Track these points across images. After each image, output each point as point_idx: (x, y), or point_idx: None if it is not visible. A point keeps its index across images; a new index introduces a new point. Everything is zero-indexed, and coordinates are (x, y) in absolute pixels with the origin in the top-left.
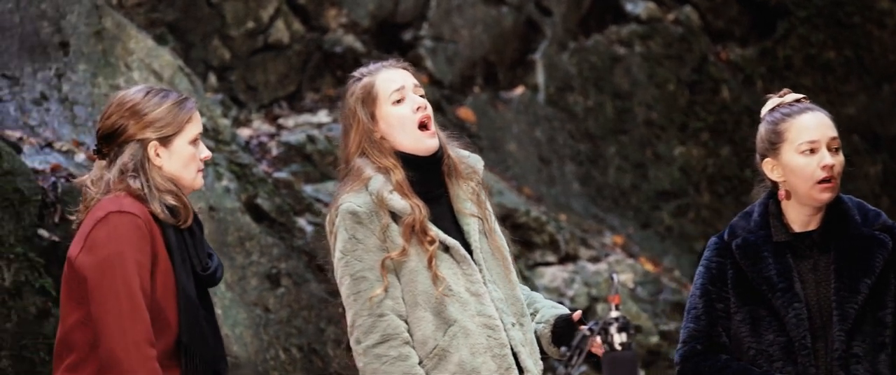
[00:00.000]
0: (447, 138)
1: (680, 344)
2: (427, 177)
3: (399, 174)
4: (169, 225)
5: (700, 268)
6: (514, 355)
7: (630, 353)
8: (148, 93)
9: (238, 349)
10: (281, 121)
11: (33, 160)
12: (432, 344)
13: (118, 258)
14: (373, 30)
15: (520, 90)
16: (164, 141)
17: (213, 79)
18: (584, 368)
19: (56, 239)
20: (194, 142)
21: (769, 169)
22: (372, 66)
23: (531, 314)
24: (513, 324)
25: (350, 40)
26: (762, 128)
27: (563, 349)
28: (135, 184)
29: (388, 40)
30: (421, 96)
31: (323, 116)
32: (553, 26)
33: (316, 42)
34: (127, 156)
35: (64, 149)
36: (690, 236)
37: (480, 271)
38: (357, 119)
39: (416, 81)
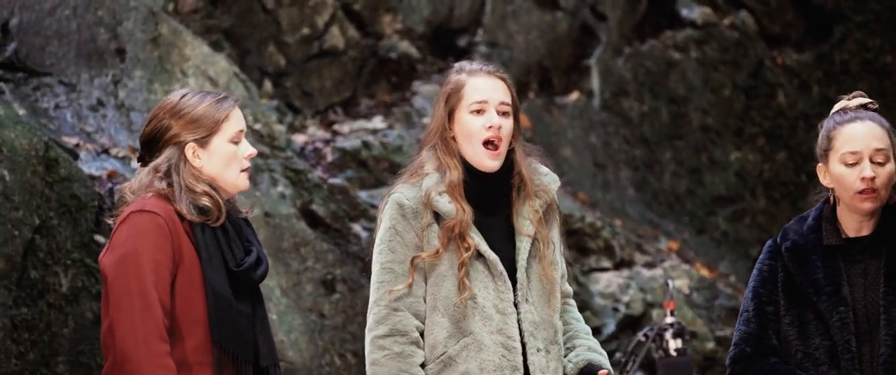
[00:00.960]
0: (527, 153)
1: (731, 346)
2: (487, 188)
3: (455, 176)
4: (198, 223)
5: (754, 271)
6: None
7: (685, 358)
8: (186, 94)
9: (293, 354)
10: (336, 126)
11: (90, 166)
12: (441, 350)
13: (133, 256)
14: (428, 35)
15: (575, 95)
16: (202, 141)
17: (268, 85)
18: (639, 374)
19: None
20: (235, 140)
21: (822, 174)
22: (474, 66)
23: (568, 347)
24: (538, 349)
25: (405, 46)
26: (820, 134)
27: (618, 354)
28: (161, 184)
29: (443, 46)
30: (503, 113)
31: (378, 122)
32: (608, 31)
33: (371, 48)
34: (162, 159)
35: (120, 155)
36: (746, 241)
37: (516, 290)
38: (438, 112)
39: (506, 98)
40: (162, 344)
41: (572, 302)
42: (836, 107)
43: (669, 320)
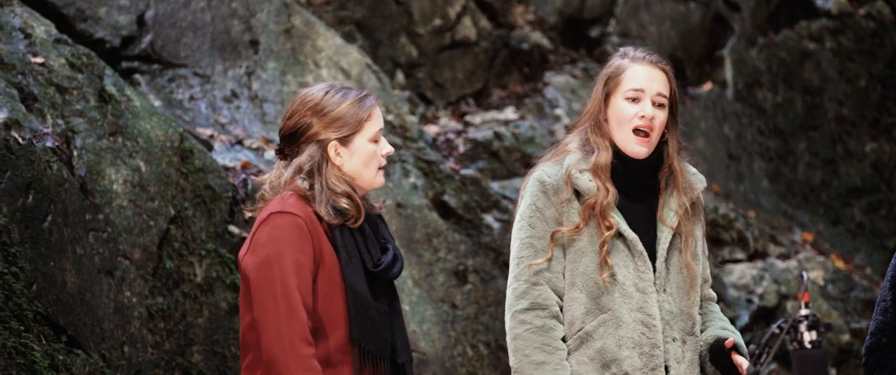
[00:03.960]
0: (679, 150)
1: (867, 336)
2: (634, 173)
3: (604, 157)
4: (336, 225)
5: (893, 260)
6: (666, 369)
7: (820, 351)
8: (328, 91)
9: (425, 345)
10: (468, 118)
11: (224, 157)
12: (578, 326)
13: (276, 258)
14: (560, 26)
15: (708, 86)
16: (344, 140)
17: (400, 76)
18: (773, 366)
19: (246, 235)
20: (375, 139)
21: None
22: (638, 53)
23: (701, 330)
24: (674, 339)
25: (537, 37)
26: None
27: (751, 346)
28: (303, 184)
29: (575, 37)
30: (658, 105)
31: (510, 113)
32: (741, 22)
33: (503, 39)
34: (305, 157)
35: (254, 146)
36: (882, 233)
37: (656, 275)
38: (596, 93)
39: (664, 90)
40: (308, 347)
41: (716, 306)
42: None
43: (804, 312)
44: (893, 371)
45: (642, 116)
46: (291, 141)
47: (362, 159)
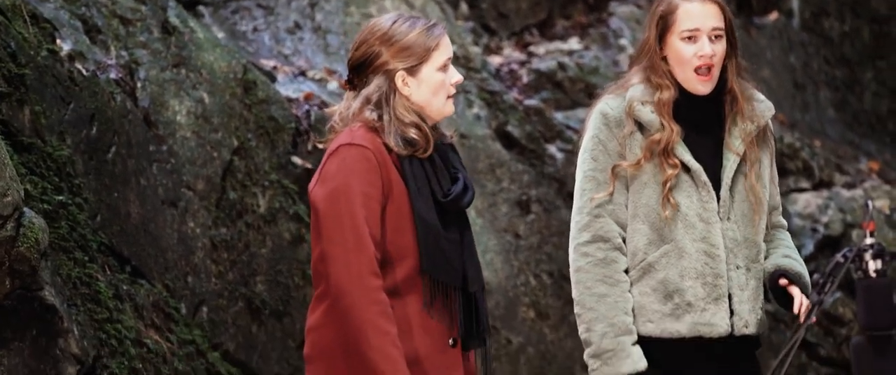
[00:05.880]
0: (741, 78)
1: None
2: (698, 107)
3: (668, 95)
4: (405, 155)
5: None
6: (729, 297)
7: (885, 280)
8: (396, 21)
9: (488, 274)
10: (531, 48)
11: (287, 88)
12: (641, 257)
13: (344, 190)
14: None
15: (774, 16)
16: (412, 70)
17: (464, 6)
18: (838, 295)
19: (309, 166)
20: (443, 68)
21: None
22: None
23: (766, 256)
24: (738, 267)
25: None
26: None
27: (816, 275)
28: (372, 115)
29: None
30: (716, 38)
31: (574, 43)
32: None
33: None
34: (373, 87)
35: (317, 77)
36: None
37: (719, 204)
38: (649, 33)
39: (719, 24)
40: (375, 279)
41: (786, 233)
42: None
43: (869, 241)
44: None
45: (701, 55)
46: (360, 71)
47: (431, 88)
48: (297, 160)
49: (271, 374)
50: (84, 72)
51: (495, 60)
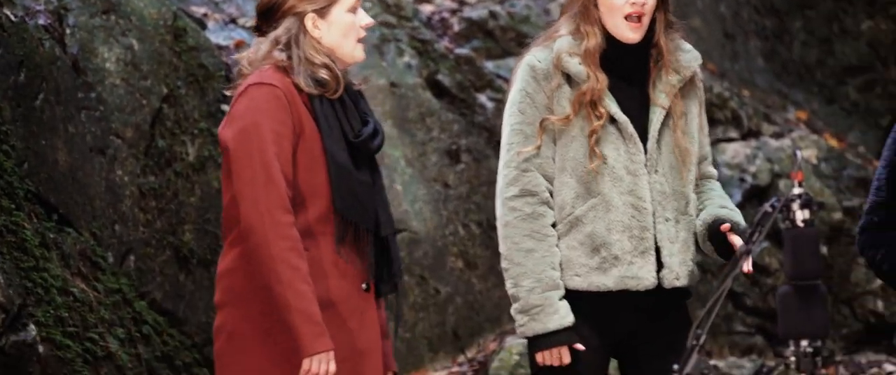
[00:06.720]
0: (668, 28)
1: (862, 215)
2: (624, 57)
3: (593, 43)
4: (316, 95)
5: (889, 140)
6: (658, 250)
7: (812, 230)
8: None
9: (417, 224)
10: None
11: (217, 36)
12: (568, 211)
13: (254, 128)
14: None
15: None
16: (322, 11)
17: None
18: (765, 245)
19: None
20: (353, 10)
21: None
22: None
23: (700, 209)
24: (667, 220)
25: None
26: None
27: (743, 225)
28: (281, 56)
29: None
30: None
31: None
32: None
33: None
34: (282, 30)
35: (248, 25)
36: (877, 112)
37: (647, 156)
38: None
39: None
40: (286, 215)
41: (716, 183)
42: None
43: (797, 190)
44: (886, 250)
45: (633, 3)
46: (268, 16)
47: (341, 30)
48: (227, 108)
49: (198, 323)
50: (12, 17)
51: (427, 9)
